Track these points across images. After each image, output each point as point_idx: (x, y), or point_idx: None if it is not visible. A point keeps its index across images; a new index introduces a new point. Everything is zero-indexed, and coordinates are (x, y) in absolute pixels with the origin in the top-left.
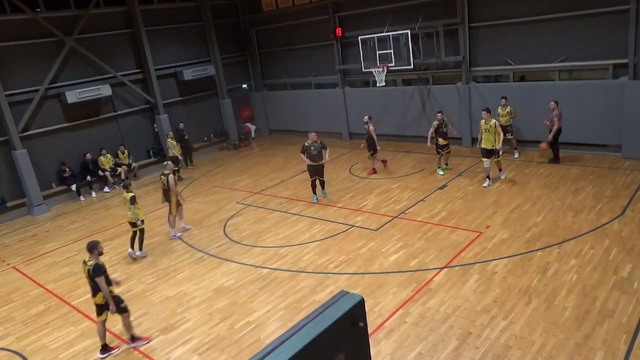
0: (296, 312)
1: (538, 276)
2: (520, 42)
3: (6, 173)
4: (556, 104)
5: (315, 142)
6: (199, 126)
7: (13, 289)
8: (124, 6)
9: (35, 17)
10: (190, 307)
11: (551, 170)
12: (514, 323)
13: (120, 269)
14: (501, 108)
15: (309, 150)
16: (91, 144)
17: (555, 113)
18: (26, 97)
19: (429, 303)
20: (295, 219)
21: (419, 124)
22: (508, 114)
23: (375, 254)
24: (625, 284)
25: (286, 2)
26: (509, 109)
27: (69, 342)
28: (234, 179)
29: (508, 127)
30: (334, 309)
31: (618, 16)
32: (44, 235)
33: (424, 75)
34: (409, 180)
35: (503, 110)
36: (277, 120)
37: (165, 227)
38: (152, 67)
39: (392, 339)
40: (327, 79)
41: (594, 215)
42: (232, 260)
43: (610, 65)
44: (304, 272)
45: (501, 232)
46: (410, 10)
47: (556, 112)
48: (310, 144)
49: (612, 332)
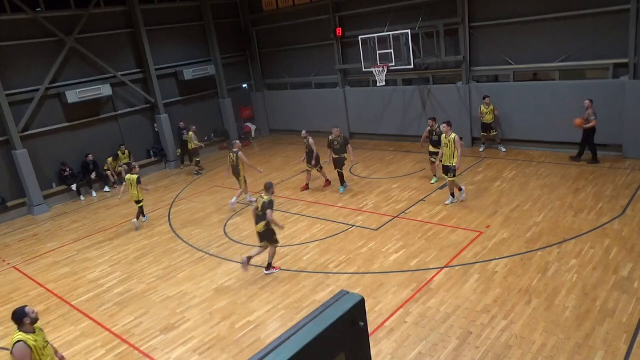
0: (296, 312)
1: (538, 276)
2: (520, 42)
3: (6, 173)
4: (590, 102)
5: (338, 136)
6: (199, 126)
7: (13, 289)
8: (124, 5)
9: (36, 17)
10: (191, 306)
11: (551, 169)
12: (514, 322)
13: (121, 268)
14: (484, 106)
15: (332, 144)
16: (91, 144)
17: (590, 111)
18: (26, 97)
19: (429, 302)
20: (296, 219)
21: (419, 124)
22: (491, 111)
23: (375, 254)
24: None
25: (286, 2)
26: (492, 107)
27: (69, 342)
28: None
29: (491, 124)
30: (334, 308)
31: (618, 16)
32: (44, 235)
33: (424, 75)
34: (409, 179)
35: (486, 108)
36: (277, 119)
37: (163, 227)
38: (152, 67)
39: (393, 339)
40: (327, 79)
41: (594, 215)
42: (233, 259)
43: (611, 64)
44: (304, 272)
45: (501, 232)
46: (410, 10)
47: (590, 111)
48: (334, 138)
49: (612, 332)
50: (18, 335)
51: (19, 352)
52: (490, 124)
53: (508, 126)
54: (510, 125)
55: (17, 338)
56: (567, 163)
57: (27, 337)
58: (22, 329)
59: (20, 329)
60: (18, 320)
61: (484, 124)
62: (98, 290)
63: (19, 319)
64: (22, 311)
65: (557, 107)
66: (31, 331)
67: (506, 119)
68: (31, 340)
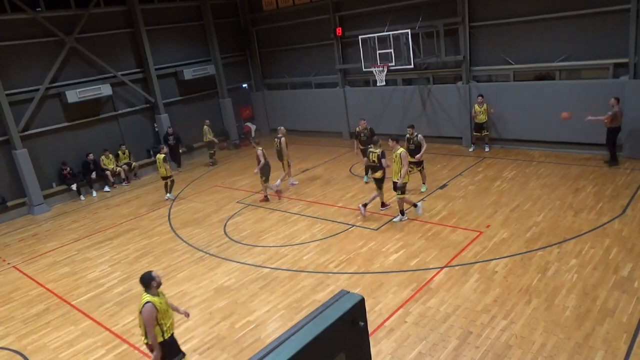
0: (296, 312)
1: (538, 276)
2: (520, 42)
3: (6, 172)
4: (617, 101)
5: (365, 129)
6: (199, 126)
7: (13, 289)
8: (124, 5)
9: (36, 17)
10: (191, 306)
11: (551, 169)
12: (514, 322)
13: (121, 268)
14: (478, 105)
15: (359, 136)
16: (91, 144)
17: (616, 110)
18: (27, 97)
19: (429, 302)
20: (296, 219)
21: (419, 124)
22: (485, 111)
23: (375, 254)
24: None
25: (286, 2)
26: (486, 107)
27: (69, 342)
28: (234, 179)
29: (484, 124)
30: (334, 308)
31: (618, 15)
32: (45, 235)
33: (424, 75)
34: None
35: (480, 108)
36: (278, 119)
37: (164, 226)
38: (152, 67)
39: (393, 339)
40: (328, 79)
41: (595, 215)
42: (233, 259)
43: (611, 64)
44: (304, 272)
45: (501, 232)
46: (410, 10)
47: (616, 110)
48: (361, 130)
49: (612, 332)
50: (147, 297)
51: (148, 312)
52: (483, 123)
53: (508, 126)
54: (511, 125)
55: (146, 299)
56: (567, 163)
57: (154, 299)
58: (149, 291)
59: (148, 291)
60: (146, 284)
61: (477, 124)
62: (98, 290)
63: (147, 283)
64: (149, 275)
65: (558, 107)
66: (156, 295)
67: (506, 119)
68: (157, 302)
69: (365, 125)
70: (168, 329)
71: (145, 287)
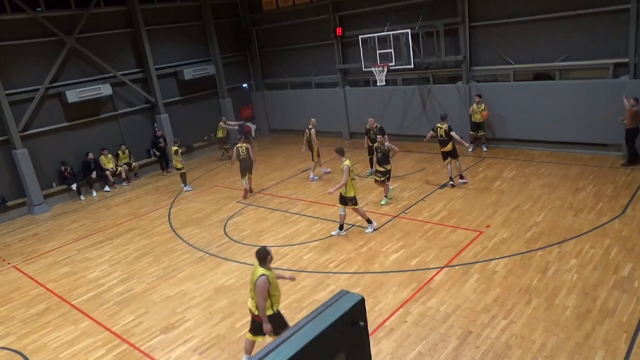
0: (296, 312)
1: (538, 275)
2: (520, 42)
3: (6, 172)
4: (636, 101)
5: (374, 126)
6: (199, 125)
7: (13, 288)
8: (125, 5)
9: (36, 17)
10: (191, 306)
11: (551, 169)
12: (514, 322)
13: (121, 268)
14: (476, 105)
15: (369, 133)
16: (92, 144)
17: (636, 109)
18: (27, 97)
19: (429, 302)
20: (296, 219)
21: (419, 124)
22: (482, 110)
23: (375, 254)
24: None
25: (286, 2)
26: (483, 107)
27: (70, 342)
28: (235, 179)
29: (481, 123)
30: (334, 308)
31: (619, 15)
32: (45, 235)
33: (424, 75)
34: (409, 179)
35: (478, 108)
36: (278, 119)
37: (164, 226)
38: (152, 67)
39: (393, 338)
40: (328, 79)
41: (595, 215)
42: (233, 259)
43: (611, 64)
44: (304, 272)
45: (501, 232)
46: (410, 10)
47: (636, 109)
48: (370, 127)
49: (612, 332)
50: (262, 270)
51: (262, 284)
52: (480, 123)
53: (508, 126)
54: (511, 124)
55: (261, 272)
56: (567, 163)
57: (268, 273)
58: (264, 265)
59: (262, 265)
60: (262, 258)
61: (474, 123)
62: (98, 290)
63: (264, 257)
64: (265, 250)
65: (558, 107)
66: (269, 269)
67: (506, 119)
68: (271, 276)
69: (374, 122)
70: (276, 302)
71: (260, 260)
